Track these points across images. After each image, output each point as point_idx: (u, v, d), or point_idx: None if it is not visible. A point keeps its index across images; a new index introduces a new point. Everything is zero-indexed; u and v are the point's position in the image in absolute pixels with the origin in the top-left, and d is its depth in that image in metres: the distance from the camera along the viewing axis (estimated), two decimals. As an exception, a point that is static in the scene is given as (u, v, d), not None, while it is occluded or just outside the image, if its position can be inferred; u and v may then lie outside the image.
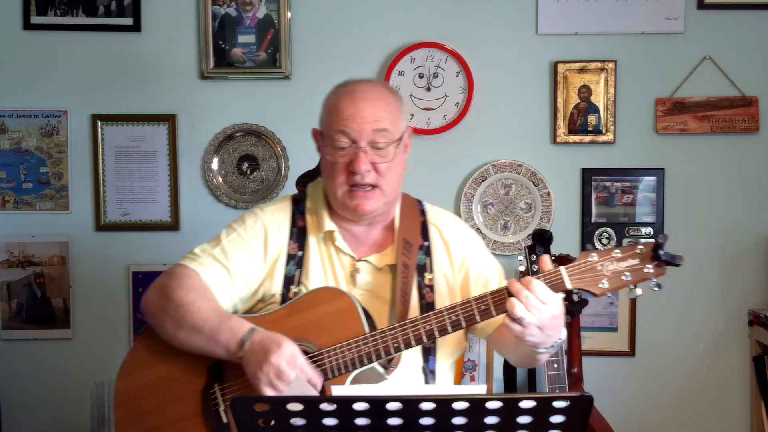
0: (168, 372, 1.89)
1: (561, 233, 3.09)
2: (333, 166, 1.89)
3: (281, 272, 1.93)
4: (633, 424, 3.21)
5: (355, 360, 1.77)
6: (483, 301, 1.76)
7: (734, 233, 3.20)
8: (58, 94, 3.22)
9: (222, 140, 3.22)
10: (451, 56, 3.19)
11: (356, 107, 1.86)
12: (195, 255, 1.95)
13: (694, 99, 3.17)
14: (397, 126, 1.91)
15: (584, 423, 1.34)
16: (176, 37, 3.21)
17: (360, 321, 1.81)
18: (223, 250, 1.94)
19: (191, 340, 1.83)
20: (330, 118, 1.90)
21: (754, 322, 3.13)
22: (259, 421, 1.35)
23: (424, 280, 1.95)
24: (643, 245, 1.71)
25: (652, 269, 1.69)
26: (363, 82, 1.95)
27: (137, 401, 1.89)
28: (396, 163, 1.91)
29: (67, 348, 3.25)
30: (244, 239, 1.95)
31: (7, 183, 3.24)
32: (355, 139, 1.86)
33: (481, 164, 3.21)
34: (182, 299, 1.84)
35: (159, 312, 1.88)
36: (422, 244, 1.98)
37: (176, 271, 1.93)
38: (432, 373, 1.92)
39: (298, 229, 1.97)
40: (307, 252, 1.95)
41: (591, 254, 1.72)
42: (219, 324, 1.80)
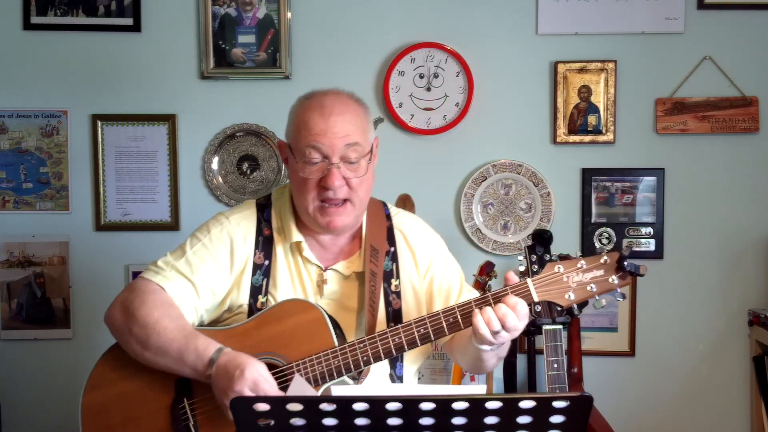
0: (135, 387, 1.86)
1: (561, 233, 3.09)
2: (304, 182, 1.85)
3: (248, 282, 1.90)
4: (633, 424, 3.21)
5: (324, 374, 1.77)
6: (451, 314, 1.76)
7: (734, 233, 3.20)
8: (58, 94, 3.22)
9: (222, 140, 3.22)
10: (451, 56, 3.19)
11: (327, 122, 1.83)
12: (158, 268, 1.91)
13: (694, 99, 3.17)
14: (366, 138, 1.89)
15: (584, 423, 1.34)
16: (176, 37, 3.21)
17: (329, 333, 1.79)
18: (187, 261, 1.90)
19: (157, 360, 1.80)
20: (300, 133, 1.86)
21: (754, 322, 3.13)
22: (259, 421, 1.35)
23: (390, 286, 1.94)
24: (608, 256, 1.72)
25: (617, 280, 1.72)
26: (330, 94, 1.92)
27: (104, 416, 1.86)
28: (368, 176, 1.90)
29: (67, 348, 3.25)
30: (209, 250, 1.91)
31: (7, 183, 3.24)
32: (327, 155, 1.83)
33: (481, 164, 3.21)
34: (146, 318, 1.81)
35: (124, 330, 1.85)
36: (388, 250, 1.96)
37: (140, 285, 1.88)
38: (399, 379, 1.92)
39: (264, 238, 1.94)
40: (275, 262, 1.93)
41: (557, 265, 1.74)
42: (185, 345, 1.77)
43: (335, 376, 1.77)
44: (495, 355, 1.84)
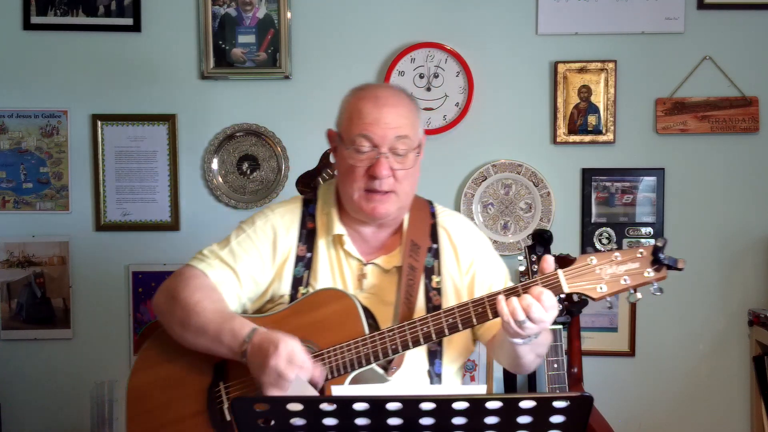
0: (176, 370, 1.91)
1: (561, 233, 3.09)
2: (352, 170, 1.89)
3: (290, 273, 1.94)
4: (633, 424, 3.21)
5: (353, 361, 1.78)
6: (480, 304, 1.76)
7: (734, 233, 3.20)
8: (58, 94, 3.22)
9: (222, 140, 3.22)
10: (451, 56, 3.19)
11: (380, 112, 1.87)
12: (203, 256, 1.96)
13: (694, 99, 3.17)
14: (416, 132, 1.93)
15: (584, 423, 1.34)
16: (176, 37, 3.21)
17: (360, 322, 1.81)
18: (231, 251, 1.95)
19: (197, 340, 1.85)
20: (351, 122, 1.89)
21: (754, 322, 3.13)
22: (259, 421, 1.35)
23: (432, 282, 1.95)
24: (644, 248, 1.69)
25: (652, 273, 1.68)
26: (383, 88, 1.99)
27: (147, 399, 1.91)
28: (414, 170, 1.93)
29: (67, 348, 3.25)
30: (253, 240, 1.96)
31: (7, 183, 3.24)
32: (377, 144, 1.86)
33: (481, 164, 3.21)
34: (188, 300, 1.86)
35: (167, 313, 1.90)
36: (430, 247, 1.98)
37: (184, 272, 1.94)
38: (438, 377, 1.92)
39: (307, 231, 1.98)
40: (316, 254, 1.96)
41: (590, 257, 1.70)
42: (222, 325, 1.81)
43: (363, 364, 1.78)
44: (531, 351, 1.82)
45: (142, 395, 1.92)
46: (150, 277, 3.23)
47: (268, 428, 1.35)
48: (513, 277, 3.24)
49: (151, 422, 1.90)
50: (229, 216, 3.23)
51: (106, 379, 3.12)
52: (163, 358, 1.92)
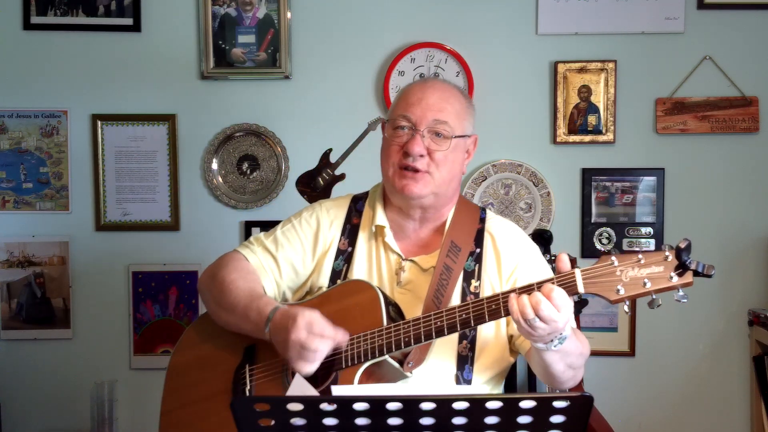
0: (212, 350, 1.97)
1: (561, 233, 3.09)
2: (389, 146, 1.92)
3: (329, 266, 1.98)
4: (633, 424, 3.21)
5: (367, 351, 1.77)
6: (494, 301, 1.70)
7: (734, 233, 3.20)
8: (58, 94, 3.22)
9: (222, 140, 3.22)
10: (451, 56, 3.19)
11: (423, 93, 1.90)
12: (249, 242, 2.04)
13: (694, 99, 3.17)
14: (460, 123, 1.92)
15: (584, 423, 1.33)
16: (176, 37, 3.21)
17: (380, 314, 1.80)
18: (275, 239, 2.01)
19: (228, 318, 1.91)
20: (397, 103, 1.95)
21: (754, 322, 3.13)
22: (259, 421, 1.35)
23: (470, 287, 1.91)
24: (670, 252, 1.57)
25: (676, 278, 1.57)
26: (437, 79, 2.03)
27: (183, 376, 1.99)
28: (452, 157, 1.90)
29: (67, 348, 3.25)
30: (297, 231, 2.01)
31: (7, 183, 3.24)
32: (415, 123, 1.88)
33: (481, 164, 3.21)
34: (224, 279, 1.92)
35: (206, 290, 1.99)
36: (473, 251, 1.94)
37: (228, 255, 2.02)
38: (467, 383, 1.87)
39: (352, 226, 2.01)
40: (356, 248, 1.98)
41: (612, 257, 1.61)
42: (250, 304, 1.85)
43: (377, 355, 1.77)
44: (560, 360, 1.75)
45: (180, 372, 2.00)
46: (150, 277, 3.23)
47: (268, 428, 1.35)
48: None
49: (183, 398, 1.97)
50: (229, 216, 3.23)
51: (106, 379, 3.13)
52: (202, 338, 2.00)
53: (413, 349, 1.80)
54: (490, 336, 1.91)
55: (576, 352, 1.79)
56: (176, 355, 2.04)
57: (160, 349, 3.24)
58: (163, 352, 3.24)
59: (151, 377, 3.21)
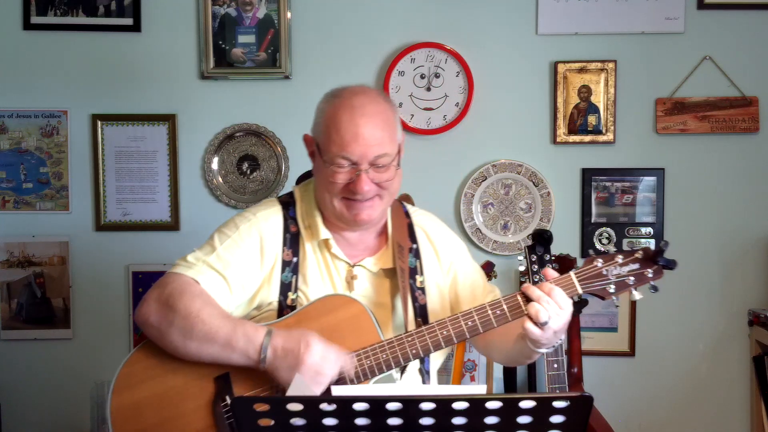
0: (169, 386, 1.81)
1: (561, 233, 3.08)
2: (330, 183, 1.85)
3: (277, 279, 1.90)
4: (633, 424, 3.21)
5: (373, 368, 1.77)
6: (498, 306, 1.78)
7: (734, 233, 3.20)
8: (58, 94, 3.22)
9: (222, 140, 3.22)
10: (451, 56, 3.19)
11: (357, 127, 1.81)
12: (189, 263, 1.88)
13: (694, 99, 3.17)
14: (395, 141, 1.88)
15: (584, 423, 1.34)
16: (176, 37, 3.21)
17: (374, 328, 1.81)
18: (218, 257, 1.88)
19: (202, 349, 1.77)
20: (329, 137, 1.84)
21: (754, 322, 3.13)
22: (259, 422, 1.35)
23: (416, 282, 1.95)
24: (642, 250, 1.80)
25: (652, 273, 1.79)
26: (359, 95, 1.87)
27: (136, 419, 1.80)
28: (397, 176, 1.90)
29: (67, 348, 3.25)
30: (239, 246, 1.90)
31: (7, 183, 3.24)
32: (356, 162, 1.82)
33: (481, 164, 3.21)
34: (189, 308, 1.78)
35: (162, 323, 1.80)
36: (411, 247, 1.98)
37: (172, 280, 1.86)
38: (427, 374, 1.93)
39: (291, 235, 1.93)
40: (303, 258, 1.92)
41: (596, 260, 1.79)
42: (233, 331, 1.75)
43: (384, 370, 1.77)
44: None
45: (132, 416, 1.80)
46: (150, 277, 3.23)
47: (268, 428, 1.35)
48: (513, 276, 3.25)
49: None
50: (229, 216, 3.21)
51: (106, 379, 3.11)
52: (150, 374, 1.82)
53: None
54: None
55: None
56: (118, 396, 1.81)
57: (160, 349, 3.24)
58: (163, 352, 3.23)
59: (151, 377, 3.21)
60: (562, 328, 1.75)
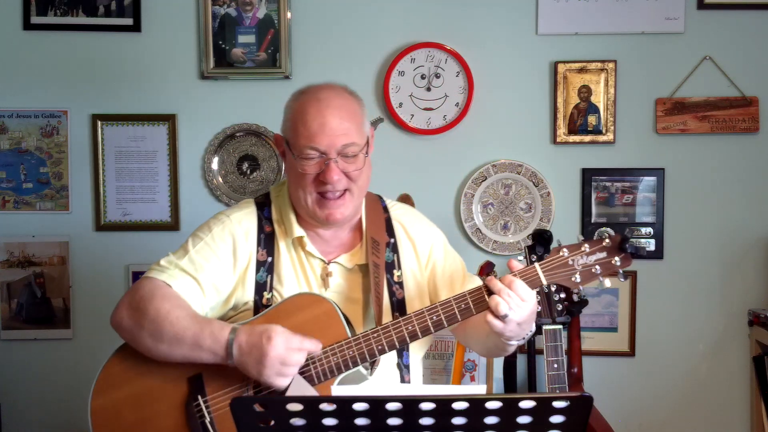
0: (145, 387, 1.85)
1: (561, 233, 3.06)
2: (302, 177, 1.86)
3: (252, 279, 1.91)
4: (633, 424, 3.21)
5: (340, 364, 1.78)
6: (463, 300, 1.78)
7: (734, 233, 3.20)
8: (58, 94, 3.22)
9: (222, 140, 3.22)
10: (451, 56, 3.19)
11: (323, 117, 1.84)
12: (162, 267, 1.91)
13: (694, 99, 3.17)
14: (362, 133, 1.90)
15: (584, 423, 1.34)
16: (176, 37, 3.21)
17: (342, 325, 1.81)
18: (191, 260, 1.90)
19: (172, 350, 1.80)
20: (297, 130, 1.87)
21: (754, 322, 3.13)
22: (259, 422, 1.35)
23: (393, 277, 1.96)
24: (609, 239, 1.77)
25: (620, 261, 1.76)
26: (325, 89, 1.92)
27: (115, 420, 1.85)
28: (366, 167, 1.91)
29: (67, 348, 3.25)
30: (212, 248, 1.92)
31: (7, 183, 3.24)
32: (324, 152, 1.84)
33: (481, 164, 3.21)
34: (158, 311, 1.81)
35: (134, 327, 1.84)
36: (389, 242, 1.98)
37: (145, 284, 1.88)
38: (407, 368, 1.93)
39: (266, 235, 1.95)
40: (278, 258, 1.94)
41: (562, 249, 1.77)
42: (200, 330, 1.78)
43: (350, 367, 1.78)
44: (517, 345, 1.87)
45: (110, 417, 1.85)
46: (150, 277, 3.23)
47: (268, 428, 1.35)
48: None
49: None
50: (229, 216, 3.23)
51: (106, 379, 3.12)
52: (128, 376, 1.87)
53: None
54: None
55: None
56: (98, 397, 1.88)
57: (160, 349, 3.24)
58: (163, 352, 3.24)
59: (151, 377, 3.21)
60: (526, 320, 1.74)
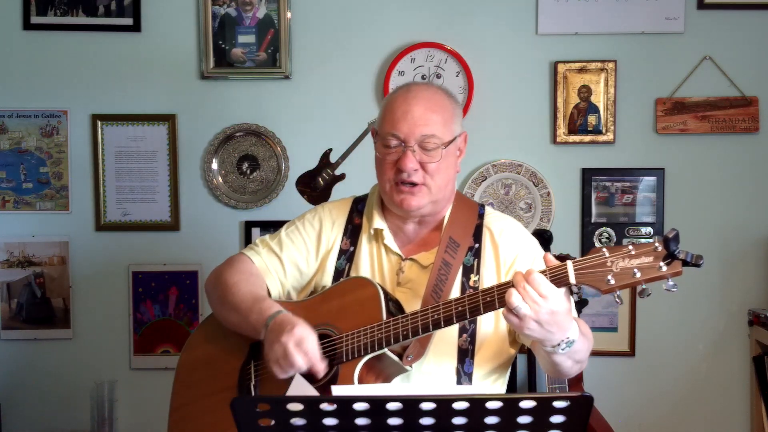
0: (218, 349, 2.01)
1: (561, 233, 3.09)
2: (382, 163, 1.94)
3: (332, 266, 2.01)
4: (633, 424, 3.21)
5: (367, 345, 1.79)
6: (489, 293, 1.71)
7: (734, 233, 3.20)
8: (58, 94, 3.22)
9: (222, 140, 3.22)
10: (451, 56, 3.19)
11: (408, 105, 1.90)
12: (254, 245, 2.08)
13: (694, 99, 3.17)
14: (448, 129, 1.92)
15: (584, 423, 1.33)
16: (176, 37, 3.21)
17: (379, 308, 1.82)
18: (279, 241, 2.05)
19: (230, 318, 1.95)
20: (384, 118, 1.94)
21: (754, 322, 3.13)
22: (259, 422, 1.35)
23: (469, 281, 1.93)
24: (659, 243, 1.58)
25: (665, 267, 1.58)
26: (421, 84, 2.03)
27: (191, 373, 2.04)
28: (445, 165, 1.92)
29: (67, 348, 3.25)
30: (300, 231, 2.05)
31: (7, 183, 3.24)
32: (404, 140, 1.89)
33: (481, 164, 3.21)
34: (228, 281, 1.97)
35: (211, 291, 2.04)
36: (472, 246, 1.96)
37: (234, 257, 2.06)
38: (468, 376, 1.88)
39: (354, 227, 2.04)
40: (359, 248, 2.01)
41: (603, 249, 1.62)
42: (252, 305, 1.89)
43: (376, 348, 1.79)
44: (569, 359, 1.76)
45: (188, 370, 2.05)
46: (150, 277, 3.23)
47: (268, 428, 1.35)
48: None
49: (192, 394, 2.01)
50: (229, 216, 3.24)
51: (106, 379, 3.13)
52: (209, 337, 2.04)
53: (412, 343, 1.82)
54: (490, 329, 1.92)
55: (583, 349, 1.78)
56: (185, 353, 2.08)
57: (160, 349, 3.24)
58: (163, 352, 3.24)
59: (151, 377, 3.21)
60: (548, 321, 1.61)
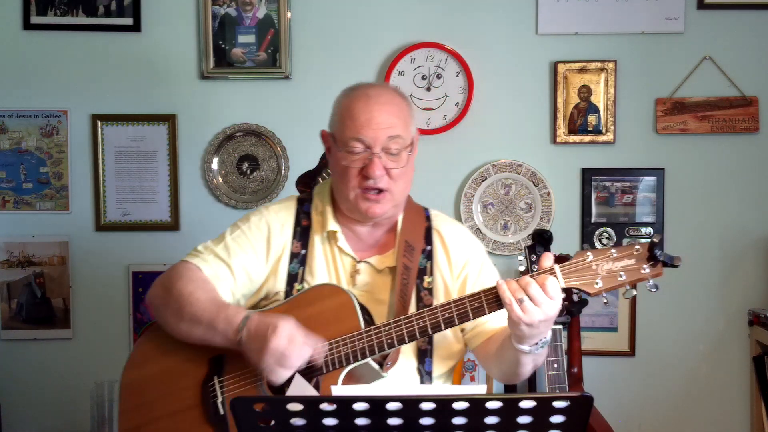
0: (171, 364, 1.92)
1: (561, 233, 3.09)
2: (346, 171, 1.90)
3: (284, 270, 1.96)
4: (633, 424, 3.21)
5: (349, 355, 1.79)
6: (477, 298, 1.76)
7: (734, 233, 3.20)
8: (58, 94, 3.22)
9: (222, 140, 3.22)
10: (451, 56, 3.19)
11: (371, 112, 1.88)
12: (198, 252, 1.99)
13: (694, 99, 3.17)
14: (408, 131, 1.94)
15: (584, 423, 1.34)
16: (176, 37, 3.21)
17: (357, 317, 1.82)
18: (225, 247, 1.97)
19: (191, 330, 1.86)
20: (344, 123, 1.91)
21: (754, 322, 3.13)
22: (259, 421, 1.35)
23: (423, 283, 1.97)
24: (640, 245, 1.69)
25: (648, 269, 1.68)
26: (375, 87, 1.99)
27: (141, 392, 1.93)
28: (408, 168, 1.94)
29: (67, 348, 3.25)
30: (248, 237, 1.98)
31: (7, 183, 3.24)
32: (369, 145, 1.88)
33: (481, 164, 3.21)
34: (181, 291, 1.88)
35: (161, 305, 1.92)
36: (425, 248, 2.00)
37: (178, 266, 1.97)
38: (428, 375, 1.93)
39: (302, 228, 2.00)
40: (311, 251, 1.98)
41: (587, 253, 1.70)
42: (216, 313, 1.82)
43: (359, 358, 1.79)
44: (533, 361, 1.82)
45: (136, 390, 1.93)
46: (150, 277, 3.23)
47: (268, 428, 1.35)
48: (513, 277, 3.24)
49: (145, 415, 1.91)
50: (229, 216, 3.23)
51: (106, 379, 3.12)
52: (158, 353, 1.94)
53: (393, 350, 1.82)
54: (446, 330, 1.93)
55: (543, 353, 1.83)
56: (129, 372, 1.96)
57: (160, 349, 3.24)
58: (163, 352, 3.24)
59: (151, 377, 3.21)
60: (541, 322, 1.67)
